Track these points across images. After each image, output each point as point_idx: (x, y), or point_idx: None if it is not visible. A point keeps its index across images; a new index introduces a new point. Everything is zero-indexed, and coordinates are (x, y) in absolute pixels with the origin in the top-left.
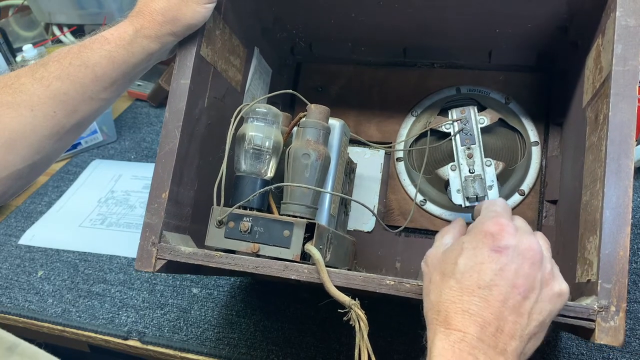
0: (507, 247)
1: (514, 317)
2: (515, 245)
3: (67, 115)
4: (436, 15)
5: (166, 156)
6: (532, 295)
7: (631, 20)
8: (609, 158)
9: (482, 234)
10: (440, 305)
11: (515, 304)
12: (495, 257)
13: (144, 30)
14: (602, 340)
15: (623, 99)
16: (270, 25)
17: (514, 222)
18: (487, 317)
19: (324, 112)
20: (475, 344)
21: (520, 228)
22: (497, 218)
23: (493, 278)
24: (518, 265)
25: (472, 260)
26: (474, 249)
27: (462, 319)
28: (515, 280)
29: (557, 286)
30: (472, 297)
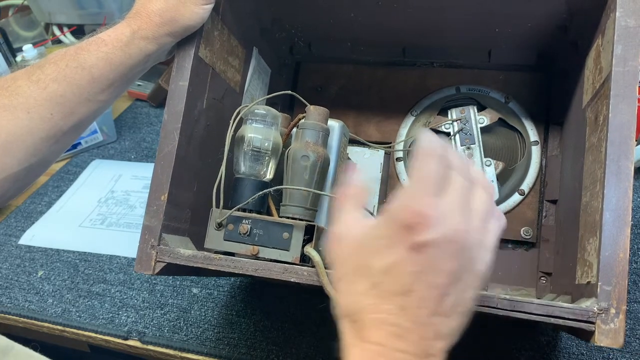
0: (426, 245)
1: (437, 319)
2: (436, 240)
3: (64, 117)
4: (435, 15)
5: (165, 158)
6: (455, 288)
7: (631, 20)
8: (609, 159)
9: (397, 226)
10: (355, 314)
11: (437, 305)
12: (413, 257)
13: (141, 31)
14: (602, 343)
15: (623, 100)
16: (269, 26)
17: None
18: (407, 326)
19: (323, 114)
20: (396, 356)
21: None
22: (416, 201)
23: (411, 282)
24: (439, 262)
25: (387, 261)
26: (389, 246)
27: (379, 330)
28: (436, 280)
29: (482, 265)
30: (389, 305)
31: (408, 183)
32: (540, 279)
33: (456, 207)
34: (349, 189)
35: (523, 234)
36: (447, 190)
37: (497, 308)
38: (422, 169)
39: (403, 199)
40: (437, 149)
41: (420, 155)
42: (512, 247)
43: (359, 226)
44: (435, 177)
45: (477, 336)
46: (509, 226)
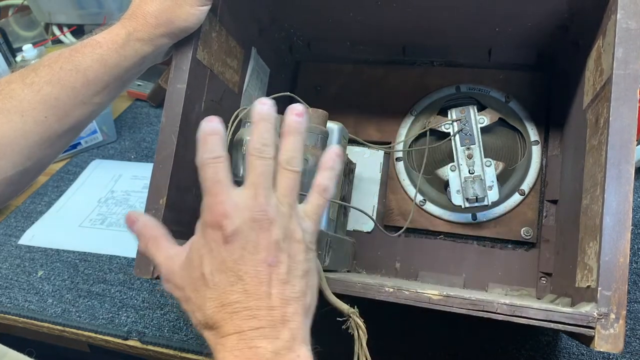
0: (234, 233)
1: (278, 289)
2: (240, 225)
3: (59, 120)
4: (435, 15)
5: (163, 162)
6: (283, 256)
7: (632, 23)
8: (609, 163)
9: (206, 231)
10: (209, 320)
11: (272, 276)
12: (230, 248)
13: (137, 33)
14: (601, 348)
15: (624, 104)
16: (268, 26)
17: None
18: (254, 304)
19: (322, 117)
20: (254, 335)
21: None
22: (212, 202)
23: (239, 268)
24: (254, 241)
25: (214, 264)
26: (210, 251)
27: (232, 321)
28: (257, 257)
29: (299, 234)
30: (232, 296)
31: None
32: (541, 279)
33: (250, 194)
34: (146, 234)
35: (523, 234)
36: (247, 177)
37: (496, 313)
38: (201, 179)
39: (203, 212)
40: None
41: (198, 167)
42: (512, 248)
43: (177, 255)
44: (212, 178)
45: (477, 336)
46: (509, 226)
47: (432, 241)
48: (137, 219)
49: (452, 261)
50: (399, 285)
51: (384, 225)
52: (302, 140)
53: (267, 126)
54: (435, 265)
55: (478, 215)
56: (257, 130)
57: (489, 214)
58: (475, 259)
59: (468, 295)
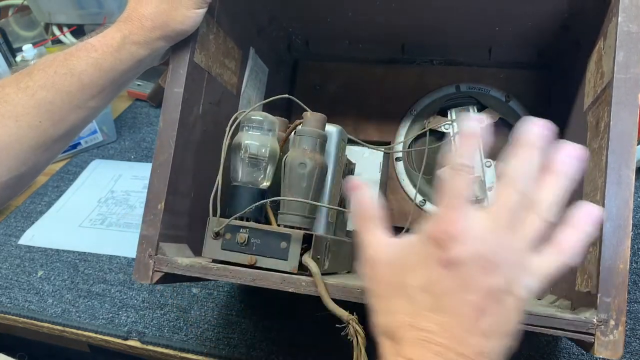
0: (456, 262)
1: (476, 339)
2: (468, 257)
3: (54, 124)
4: (434, 14)
5: (161, 167)
6: (493, 308)
7: (633, 26)
8: (610, 168)
9: (428, 240)
10: (393, 331)
11: (473, 324)
12: (445, 274)
13: (133, 36)
14: (601, 354)
15: (624, 108)
16: (266, 25)
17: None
18: (445, 343)
19: (321, 120)
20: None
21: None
22: (449, 216)
23: (446, 299)
24: (472, 279)
25: (422, 279)
26: (423, 263)
27: (418, 348)
28: (470, 298)
29: (520, 290)
30: (427, 322)
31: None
32: None
33: (491, 225)
34: (363, 210)
35: None
36: (496, 202)
37: None
38: (449, 181)
39: (435, 217)
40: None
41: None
42: None
43: (388, 246)
44: (461, 189)
45: None
46: None
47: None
48: (358, 187)
49: None
50: None
51: None
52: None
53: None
54: None
55: None
56: (522, 161)
57: None
58: None
59: None
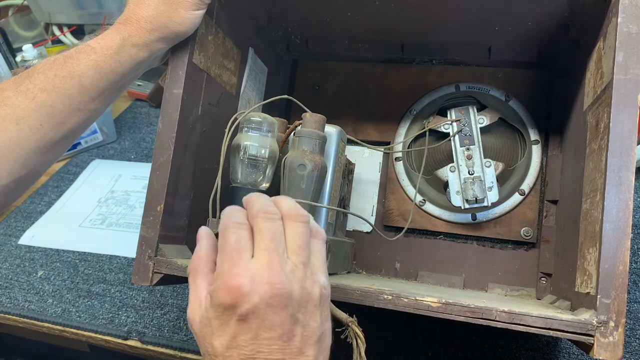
0: (251, 312)
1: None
2: (257, 304)
3: (54, 127)
4: (434, 14)
5: (160, 168)
6: (297, 329)
7: (633, 27)
8: (610, 170)
9: (221, 308)
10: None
11: (285, 351)
12: (245, 327)
13: (132, 38)
14: (600, 356)
15: (624, 109)
16: (265, 25)
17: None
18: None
19: (320, 121)
20: None
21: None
22: (229, 270)
23: (253, 347)
24: (270, 319)
25: (225, 339)
26: (222, 326)
27: None
28: (273, 335)
29: (317, 294)
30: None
31: (217, 265)
32: (541, 280)
33: (265, 263)
34: (195, 261)
35: (523, 234)
36: (256, 244)
37: (495, 320)
38: (222, 242)
39: (217, 280)
40: (227, 217)
41: (220, 231)
42: (512, 248)
43: (198, 309)
44: (233, 246)
45: (477, 336)
46: (509, 226)
47: (431, 241)
48: (199, 238)
49: (452, 261)
50: (397, 292)
51: (383, 226)
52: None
53: (264, 200)
54: (435, 265)
55: (478, 216)
56: (256, 202)
57: (489, 214)
58: (475, 259)
59: (467, 303)
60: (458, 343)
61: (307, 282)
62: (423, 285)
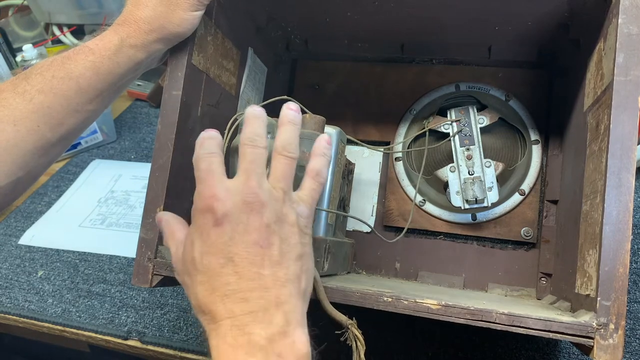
0: (224, 215)
1: (270, 270)
2: (230, 208)
3: (52, 128)
4: (433, 14)
5: (160, 170)
6: (274, 238)
7: (634, 27)
8: (610, 172)
9: (199, 216)
10: (203, 306)
11: (264, 258)
12: (220, 230)
13: (130, 39)
14: (600, 358)
15: (624, 111)
16: (265, 25)
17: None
18: (245, 286)
19: (319, 122)
20: (247, 320)
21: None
22: (203, 188)
23: (229, 250)
24: (245, 222)
25: (204, 247)
26: (201, 235)
27: (224, 305)
28: (248, 238)
29: (292, 217)
30: (222, 278)
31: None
32: (541, 280)
33: (241, 179)
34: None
35: (523, 234)
36: (239, 165)
37: (495, 323)
38: (196, 172)
39: (195, 199)
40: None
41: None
42: (513, 248)
43: (181, 243)
44: (205, 170)
45: (477, 335)
46: (509, 226)
47: (431, 241)
48: (161, 218)
49: (452, 261)
50: (397, 294)
51: (383, 226)
52: (297, 130)
53: (258, 121)
54: (435, 265)
55: (478, 216)
56: (249, 124)
57: (489, 214)
58: (475, 259)
59: (466, 305)
60: (458, 343)
61: (284, 206)
62: (423, 286)
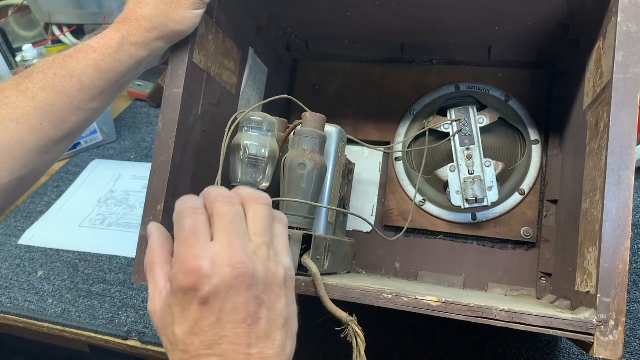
0: (211, 294)
1: (258, 348)
2: (218, 285)
3: (55, 126)
4: (434, 14)
5: (160, 167)
6: (263, 312)
7: (633, 26)
8: (609, 169)
9: (181, 293)
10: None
11: (251, 336)
12: (206, 310)
13: (131, 37)
14: (600, 355)
15: (624, 108)
16: (265, 25)
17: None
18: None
19: (320, 120)
20: None
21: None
22: (186, 253)
23: (215, 333)
24: (234, 301)
25: (186, 326)
26: (182, 311)
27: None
28: (237, 317)
29: (281, 275)
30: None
31: (175, 251)
32: (541, 280)
33: (225, 244)
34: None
35: (523, 234)
36: (215, 227)
37: (495, 319)
38: (178, 229)
39: (175, 265)
40: (182, 204)
41: (175, 219)
42: (512, 248)
43: (159, 299)
44: (189, 229)
45: (477, 335)
46: (509, 226)
47: (431, 241)
48: (149, 234)
49: (452, 261)
50: (398, 291)
51: (383, 225)
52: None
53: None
54: (435, 265)
55: (478, 215)
56: (214, 190)
57: (489, 214)
58: (475, 259)
59: (467, 302)
60: (458, 343)
61: (271, 264)
62: (423, 285)
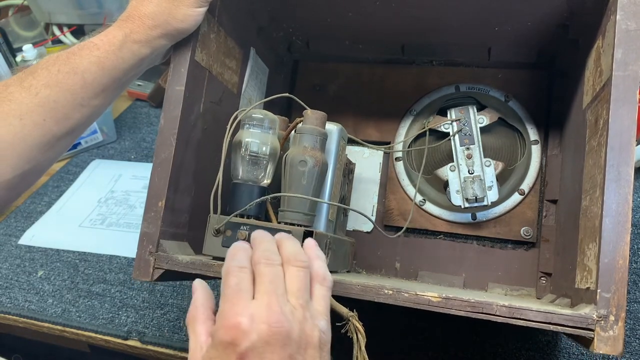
0: (249, 350)
1: None
2: (256, 341)
3: (58, 123)
4: (434, 14)
5: (162, 164)
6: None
7: (632, 23)
8: (609, 165)
9: (222, 347)
10: None
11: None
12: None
13: (134, 35)
14: (601, 350)
15: (623, 105)
16: (267, 25)
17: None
18: None
19: (321, 118)
20: None
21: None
22: (229, 309)
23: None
24: (269, 358)
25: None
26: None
27: None
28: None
29: (316, 337)
30: None
31: (219, 307)
32: (540, 279)
33: (264, 303)
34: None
35: (523, 234)
36: (257, 287)
37: (495, 315)
38: (224, 286)
39: (218, 319)
40: (230, 259)
41: (222, 275)
42: (512, 247)
43: (200, 353)
44: (234, 288)
45: (477, 335)
46: (509, 226)
47: (431, 241)
48: (194, 290)
49: (452, 261)
50: (398, 287)
51: (383, 225)
52: (299, 244)
53: (268, 240)
54: (435, 265)
55: (478, 215)
56: (260, 242)
57: (489, 214)
58: (475, 258)
59: (467, 297)
60: (458, 343)
61: (307, 325)
62: (423, 285)
